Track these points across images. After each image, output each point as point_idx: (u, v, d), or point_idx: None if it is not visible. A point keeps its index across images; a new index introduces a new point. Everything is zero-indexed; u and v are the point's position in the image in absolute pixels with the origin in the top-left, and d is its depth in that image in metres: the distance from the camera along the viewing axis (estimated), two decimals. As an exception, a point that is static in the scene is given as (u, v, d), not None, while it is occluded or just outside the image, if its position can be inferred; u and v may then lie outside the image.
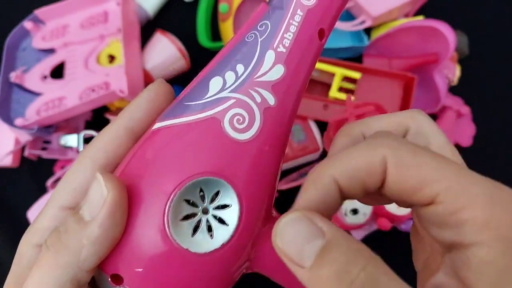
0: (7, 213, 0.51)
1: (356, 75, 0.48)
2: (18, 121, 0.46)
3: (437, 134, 0.17)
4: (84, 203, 0.16)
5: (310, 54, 0.18)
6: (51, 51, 0.52)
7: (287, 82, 0.17)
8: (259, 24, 0.18)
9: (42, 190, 0.49)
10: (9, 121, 0.47)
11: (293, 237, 0.13)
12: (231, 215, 0.16)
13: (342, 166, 0.15)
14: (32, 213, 0.46)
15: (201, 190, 0.16)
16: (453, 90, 0.51)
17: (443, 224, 0.14)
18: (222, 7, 0.50)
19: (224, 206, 0.16)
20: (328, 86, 0.50)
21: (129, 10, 0.51)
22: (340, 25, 0.49)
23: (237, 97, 0.17)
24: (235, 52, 0.17)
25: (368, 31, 0.54)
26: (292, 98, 0.18)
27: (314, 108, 0.49)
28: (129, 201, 0.16)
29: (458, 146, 0.50)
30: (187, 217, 0.16)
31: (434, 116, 0.51)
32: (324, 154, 0.49)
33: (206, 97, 0.17)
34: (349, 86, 0.50)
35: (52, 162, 0.52)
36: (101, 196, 0.15)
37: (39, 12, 0.51)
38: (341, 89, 0.50)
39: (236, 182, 0.16)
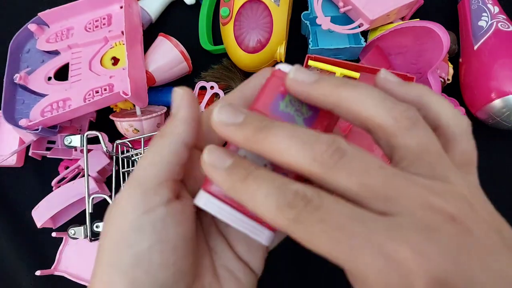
0: (11, 212, 0.52)
1: (355, 74, 0.49)
2: (23, 122, 0.46)
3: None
4: (172, 110, 0.21)
5: None
6: (55, 53, 0.52)
7: None
8: None
9: (47, 190, 0.50)
10: (14, 121, 0.48)
11: (217, 154, 0.19)
12: None
13: None
14: (36, 213, 0.47)
15: None
16: (448, 91, 0.53)
17: None
18: (223, 11, 0.51)
19: None
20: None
21: (132, 13, 0.52)
22: (338, 28, 0.50)
23: None
24: None
25: (365, 33, 0.55)
26: None
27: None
28: None
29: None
30: None
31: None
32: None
33: None
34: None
35: (57, 162, 0.53)
36: (180, 95, 0.21)
37: (43, 14, 0.52)
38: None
39: None
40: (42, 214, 0.47)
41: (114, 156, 0.49)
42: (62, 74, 0.51)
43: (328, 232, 0.15)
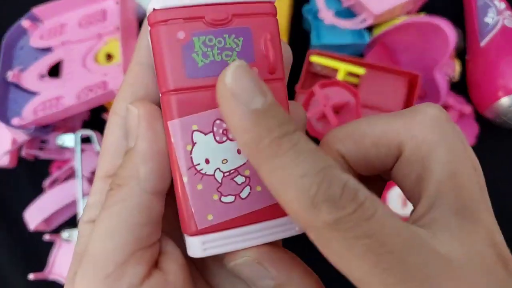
0: (3, 213, 0.51)
1: (360, 70, 0.48)
2: (15, 121, 0.45)
3: (441, 162, 0.14)
4: (128, 139, 0.15)
5: None
6: (48, 49, 0.51)
7: None
8: None
9: (39, 191, 0.48)
10: (6, 120, 0.47)
11: (246, 82, 0.12)
12: None
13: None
14: (28, 214, 0.46)
15: None
16: (455, 89, 0.51)
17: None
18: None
19: None
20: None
21: (127, 8, 0.51)
22: (341, 23, 0.49)
23: None
24: None
25: (369, 28, 0.54)
26: None
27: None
28: None
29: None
30: None
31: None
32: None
33: None
34: (353, 80, 0.50)
35: (49, 162, 0.52)
36: (135, 117, 0.15)
37: (37, 10, 0.51)
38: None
39: None
40: (35, 216, 0.46)
41: (109, 156, 0.48)
42: (55, 71, 0.49)
43: (371, 255, 0.11)
